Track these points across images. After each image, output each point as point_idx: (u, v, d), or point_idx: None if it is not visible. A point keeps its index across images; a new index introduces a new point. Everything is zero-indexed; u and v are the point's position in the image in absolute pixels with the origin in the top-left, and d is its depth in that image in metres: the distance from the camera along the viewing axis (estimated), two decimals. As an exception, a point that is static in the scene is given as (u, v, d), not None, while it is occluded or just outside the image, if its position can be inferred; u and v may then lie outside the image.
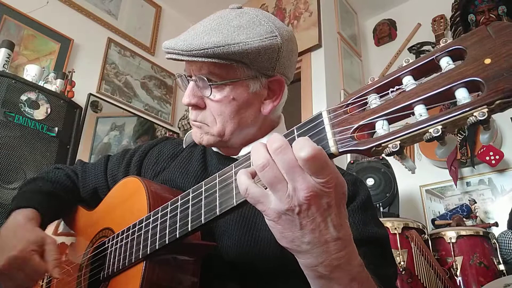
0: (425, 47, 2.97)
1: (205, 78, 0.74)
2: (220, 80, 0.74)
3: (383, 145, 0.41)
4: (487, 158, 2.27)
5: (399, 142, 0.40)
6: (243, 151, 0.82)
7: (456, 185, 2.41)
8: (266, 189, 0.46)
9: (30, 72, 2.19)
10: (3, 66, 2.07)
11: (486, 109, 0.35)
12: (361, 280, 0.48)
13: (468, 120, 0.36)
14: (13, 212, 0.87)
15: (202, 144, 0.81)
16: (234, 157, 0.84)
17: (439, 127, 0.37)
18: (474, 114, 0.36)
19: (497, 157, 2.25)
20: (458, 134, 2.42)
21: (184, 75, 0.81)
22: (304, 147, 0.42)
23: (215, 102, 0.76)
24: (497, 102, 0.35)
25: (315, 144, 0.43)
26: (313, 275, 0.48)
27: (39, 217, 0.88)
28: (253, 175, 0.47)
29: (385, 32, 3.31)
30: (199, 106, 0.78)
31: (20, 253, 0.74)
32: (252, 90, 0.77)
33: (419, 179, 2.67)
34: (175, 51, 0.73)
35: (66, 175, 1.02)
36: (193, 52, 0.70)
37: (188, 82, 0.79)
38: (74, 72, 2.48)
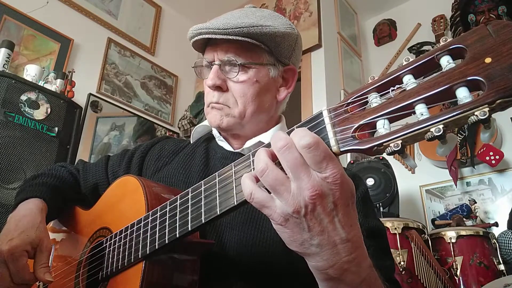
0: (425, 47, 2.97)
1: (233, 59, 0.80)
2: (246, 62, 0.81)
3: (384, 144, 0.41)
4: (487, 158, 2.26)
5: (400, 141, 0.40)
6: (248, 144, 0.85)
7: (456, 185, 2.41)
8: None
9: (30, 72, 2.19)
10: (3, 66, 2.07)
11: (487, 108, 0.35)
12: (370, 281, 0.48)
13: (469, 119, 0.36)
14: (21, 203, 0.86)
15: (221, 127, 0.84)
16: (238, 151, 0.87)
17: (441, 127, 0.37)
18: (475, 113, 0.36)
19: (497, 157, 2.24)
20: (458, 134, 2.42)
21: (206, 61, 0.85)
22: (305, 136, 0.42)
23: (239, 83, 0.81)
24: (498, 101, 0.35)
25: (315, 135, 0.43)
26: (322, 277, 0.47)
27: (47, 209, 0.87)
28: (258, 179, 0.47)
29: (385, 32, 3.31)
30: (222, 88, 0.82)
31: (11, 249, 0.71)
32: (272, 75, 0.84)
33: (419, 179, 2.67)
34: (210, 30, 0.78)
35: (69, 172, 1.02)
36: (229, 30, 0.76)
37: (210, 68, 0.83)
38: (74, 72, 2.48)
